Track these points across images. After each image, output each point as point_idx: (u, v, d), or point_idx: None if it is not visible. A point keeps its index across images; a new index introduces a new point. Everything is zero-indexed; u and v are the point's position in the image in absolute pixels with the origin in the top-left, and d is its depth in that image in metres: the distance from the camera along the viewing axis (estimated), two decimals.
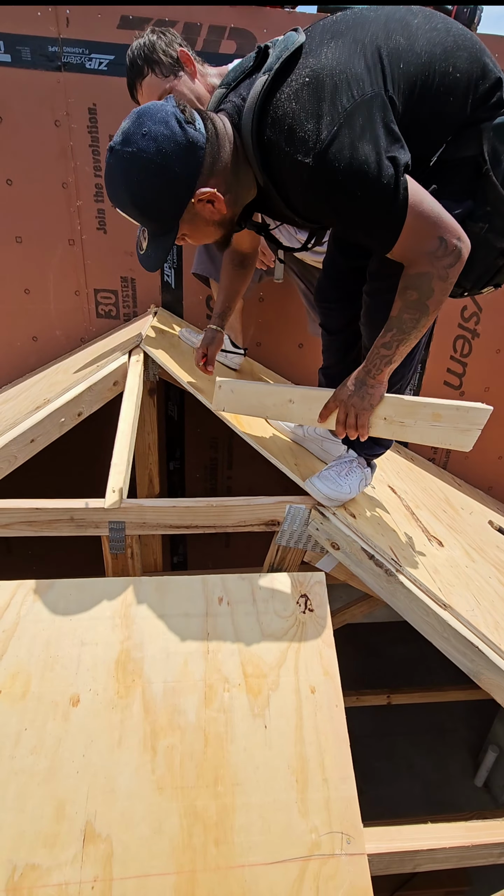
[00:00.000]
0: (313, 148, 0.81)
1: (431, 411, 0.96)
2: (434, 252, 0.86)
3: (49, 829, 0.81)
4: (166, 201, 0.86)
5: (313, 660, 1.02)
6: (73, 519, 1.16)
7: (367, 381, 1.02)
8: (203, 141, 0.84)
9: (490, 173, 0.93)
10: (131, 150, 0.81)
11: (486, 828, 0.92)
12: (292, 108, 0.82)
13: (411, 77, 0.86)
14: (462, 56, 0.90)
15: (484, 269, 1.02)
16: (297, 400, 1.11)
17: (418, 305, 0.91)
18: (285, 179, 0.88)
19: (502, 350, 2.30)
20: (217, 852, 0.83)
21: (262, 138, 0.86)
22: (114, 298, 2.00)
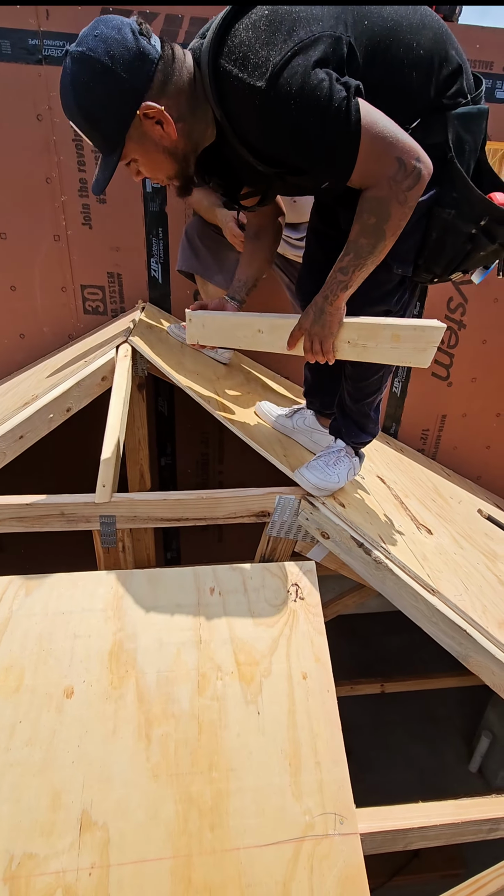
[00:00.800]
0: (265, 72, 0.80)
1: (391, 332, 1.00)
2: (394, 176, 0.85)
3: (45, 819, 0.82)
4: (112, 109, 0.85)
5: (305, 647, 1.04)
6: (64, 514, 1.16)
7: (325, 309, 1.02)
8: (155, 55, 0.84)
9: (455, 161, 0.94)
10: (81, 50, 0.81)
11: (474, 805, 0.94)
12: (248, 36, 0.82)
13: (375, 37, 0.87)
14: (427, 35, 0.91)
15: (453, 254, 1.03)
16: (265, 329, 1.13)
17: (376, 231, 0.91)
18: (240, 111, 0.87)
19: (488, 340, 2.32)
20: (212, 836, 0.84)
21: (217, 67, 0.85)
22: (101, 294, 2.00)
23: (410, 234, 1.01)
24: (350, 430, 1.31)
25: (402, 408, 2.42)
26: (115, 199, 1.86)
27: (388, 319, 1.02)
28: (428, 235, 1.02)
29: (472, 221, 0.99)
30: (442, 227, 1.00)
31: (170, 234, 1.93)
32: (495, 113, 1.89)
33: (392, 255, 1.03)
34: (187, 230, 1.76)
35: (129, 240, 1.92)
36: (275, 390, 1.91)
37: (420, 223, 1.01)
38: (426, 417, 2.47)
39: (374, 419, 1.32)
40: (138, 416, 1.68)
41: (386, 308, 1.12)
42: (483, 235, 1.00)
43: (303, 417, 1.50)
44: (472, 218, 0.98)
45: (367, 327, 1.02)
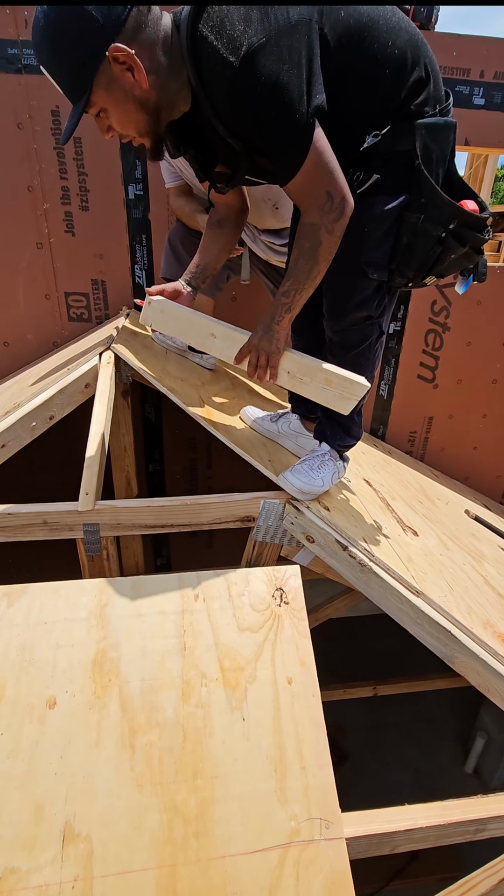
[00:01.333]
0: (239, 49, 0.82)
1: (325, 376, 1.09)
2: (322, 205, 0.93)
3: (28, 832, 0.81)
4: (81, 46, 0.83)
5: (290, 651, 1.04)
6: (47, 522, 1.15)
7: (272, 328, 1.09)
8: (127, 4, 0.83)
9: (422, 167, 0.98)
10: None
11: (460, 806, 0.94)
12: (228, 9, 0.83)
13: (350, 28, 0.89)
14: (403, 37, 0.94)
15: (424, 257, 1.06)
16: (218, 336, 1.18)
17: (310, 254, 0.98)
18: (211, 77, 0.88)
19: (473, 343, 2.35)
20: (198, 845, 0.83)
21: (195, 31, 0.85)
22: (85, 301, 1.99)
23: (383, 240, 1.05)
24: (335, 433, 1.32)
25: (389, 410, 2.44)
26: (98, 207, 1.86)
27: (327, 365, 1.12)
28: (399, 240, 1.05)
29: (441, 224, 1.01)
30: (411, 232, 1.03)
31: (153, 240, 1.93)
32: (474, 118, 1.93)
33: (367, 261, 1.05)
34: (170, 237, 1.77)
35: (112, 247, 1.92)
36: (260, 395, 1.91)
37: (391, 229, 1.04)
38: (413, 419, 2.49)
39: (358, 423, 1.34)
40: (123, 422, 1.68)
41: (367, 313, 1.13)
42: (452, 238, 1.03)
43: (288, 422, 1.50)
44: (441, 221, 1.01)
45: (306, 365, 1.11)
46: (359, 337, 1.17)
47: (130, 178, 1.83)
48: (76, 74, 0.87)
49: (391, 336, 2.27)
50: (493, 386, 2.46)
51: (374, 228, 1.03)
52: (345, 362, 1.19)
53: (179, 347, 1.83)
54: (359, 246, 1.04)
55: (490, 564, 1.63)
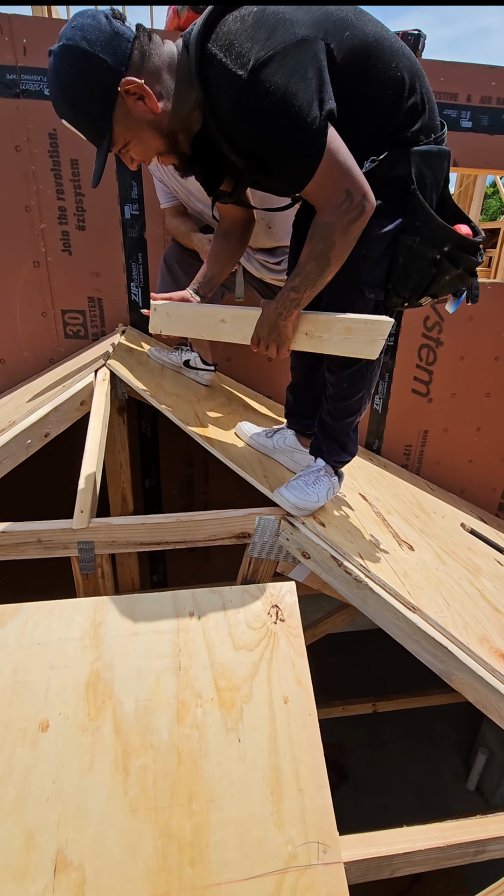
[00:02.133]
0: (247, 63, 0.83)
1: (344, 325, 1.07)
2: (340, 205, 0.91)
3: (18, 861, 0.79)
4: (95, 91, 0.88)
5: (286, 670, 1.03)
6: (41, 541, 1.15)
7: (279, 323, 1.08)
8: (130, 35, 0.87)
9: (417, 192, 1.01)
10: (61, 44, 0.86)
11: (459, 827, 0.93)
12: (236, 27, 0.85)
13: (355, 48, 0.91)
14: (404, 61, 0.97)
15: (419, 278, 1.09)
16: (228, 319, 1.16)
17: (322, 257, 0.98)
18: (218, 94, 0.89)
19: (465, 357, 2.37)
20: (192, 872, 0.82)
21: (204, 50, 0.87)
22: (81, 318, 2.01)
23: (380, 262, 1.07)
24: (331, 448, 1.32)
25: (384, 424, 2.45)
26: (95, 226, 1.89)
27: (341, 315, 1.08)
28: (395, 261, 1.07)
29: (436, 247, 1.04)
30: (408, 253, 1.05)
31: (149, 258, 1.96)
32: (462, 140, 1.98)
33: (365, 281, 1.08)
34: (166, 257, 1.79)
35: (108, 265, 1.95)
36: (256, 410, 1.92)
37: (388, 251, 1.07)
38: (408, 433, 2.50)
39: (354, 439, 1.34)
40: (119, 439, 1.68)
41: None
42: (447, 260, 1.06)
43: (283, 437, 1.51)
44: (436, 244, 1.04)
45: (322, 320, 1.08)
46: None
47: (126, 198, 1.86)
48: (96, 119, 0.91)
49: (385, 351, 2.28)
50: (487, 399, 2.48)
51: (372, 250, 1.05)
52: (342, 379, 1.20)
53: (175, 364, 1.84)
54: (356, 266, 1.06)
55: (486, 578, 1.63)
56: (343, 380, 1.19)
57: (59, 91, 0.89)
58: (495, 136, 1.99)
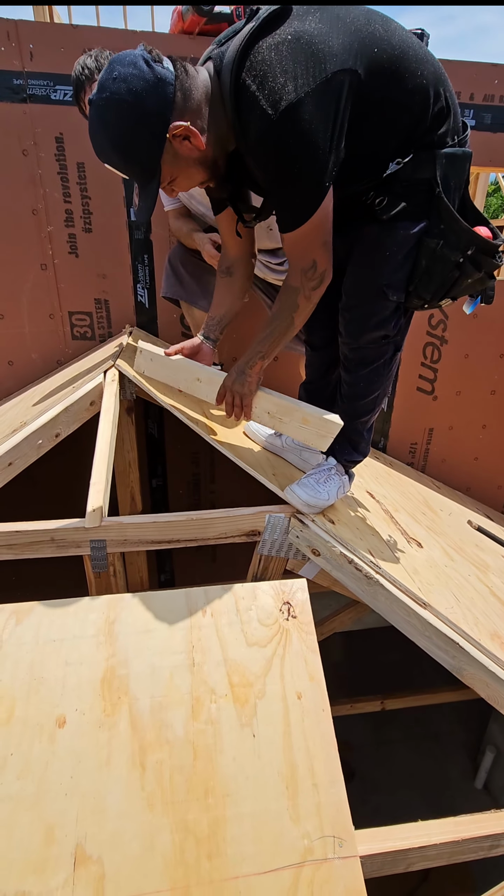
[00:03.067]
0: (278, 103, 0.85)
1: (301, 416, 1.17)
2: (306, 271, 1.01)
3: (38, 855, 0.80)
4: (144, 139, 0.89)
5: (298, 666, 1.04)
6: (54, 540, 1.16)
7: (245, 371, 1.16)
8: (171, 77, 0.87)
9: (442, 195, 1.01)
10: (105, 97, 0.85)
11: (474, 822, 0.93)
12: (271, 57, 0.86)
13: (383, 63, 0.92)
14: (429, 68, 0.98)
15: (441, 281, 1.09)
16: (203, 380, 1.25)
17: (286, 315, 1.07)
18: (250, 124, 0.91)
19: (470, 355, 2.38)
20: (210, 866, 0.82)
21: (239, 80, 0.89)
22: (88, 320, 2.02)
23: (403, 263, 1.08)
24: (343, 448, 1.33)
25: (390, 422, 2.46)
26: (101, 228, 1.90)
27: (301, 405, 1.19)
28: (418, 264, 1.08)
29: (459, 250, 1.05)
30: (430, 257, 1.06)
31: (155, 260, 1.97)
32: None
33: (388, 284, 1.09)
34: (170, 258, 1.80)
35: (115, 267, 1.96)
36: None
37: (411, 253, 1.07)
38: (414, 431, 2.51)
39: (367, 439, 1.35)
40: (127, 439, 1.69)
41: (385, 333, 1.15)
42: (470, 264, 1.07)
43: None
44: (459, 247, 1.04)
45: (283, 405, 1.19)
46: (375, 354, 1.19)
47: (132, 200, 1.88)
48: (146, 164, 0.92)
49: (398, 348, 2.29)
50: (492, 397, 2.49)
51: (396, 252, 1.06)
52: (359, 379, 1.21)
53: None
54: (380, 269, 1.08)
55: (495, 575, 1.63)
56: (360, 379, 1.21)
57: (106, 142, 0.90)
58: (498, 134, 1.99)
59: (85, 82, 1.36)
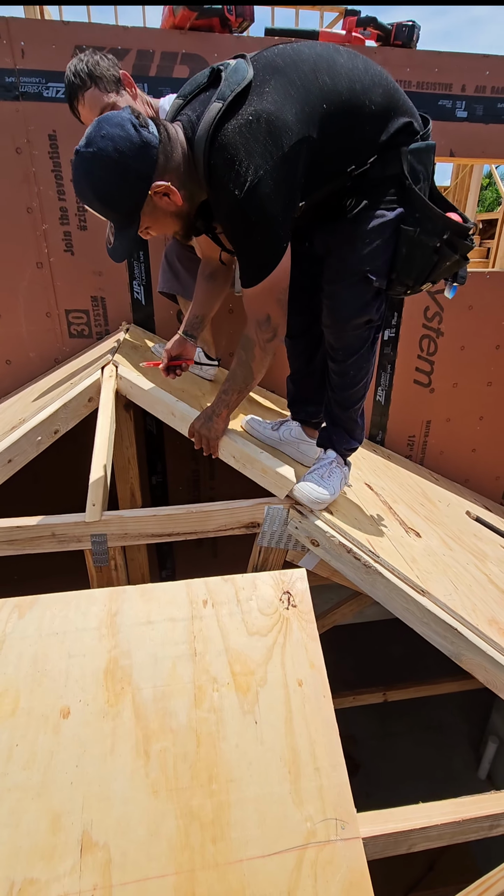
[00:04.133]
0: (243, 184, 0.95)
1: (261, 467, 1.24)
2: (260, 324, 1.11)
3: (45, 842, 0.82)
4: (126, 195, 0.96)
5: (299, 653, 1.05)
6: (55, 535, 1.17)
7: (212, 418, 1.25)
8: (156, 142, 0.94)
9: (412, 187, 1.08)
10: (92, 151, 0.91)
11: (474, 802, 0.95)
12: (236, 140, 0.95)
13: (334, 115, 1.01)
14: (378, 91, 1.04)
15: (423, 266, 1.15)
16: (177, 415, 1.36)
17: (246, 365, 1.16)
18: (219, 199, 1.01)
19: (466, 347, 2.38)
20: (215, 849, 0.84)
21: (210, 161, 0.98)
22: (85, 318, 2.03)
23: (383, 249, 1.13)
24: (341, 438, 1.35)
25: (388, 415, 2.47)
26: (96, 226, 1.90)
27: (261, 456, 1.26)
28: (398, 251, 1.13)
29: (436, 235, 1.10)
30: (409, 243, 1.11)
31: (150, 257, 1.98)
32: (457, 130, 1.99)
33: (371, 269, 1.13)
34: (167, 253, 1.81)
35: (111, 264, 1.96)
36: (260, 404, 1.94)
37: (391, 240, 1.12)
38: (411, 424, 2.52)
39: (361, 425, 1.38)
40: (126, 435, 1.70)
41: (368, 317, 1.18)
42: (447, 247, 1.12)
43: (289, 429, 1.53)
44: (436, 233, 1.10)
45: (246, 455, 1.27)
46: (360, 340, 1.22)
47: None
48: (125, 214, 0.98)
49: (386, 342, 2.30)
50: (489, 388, 2.50)
51: (374, 238, 1.11)
52: (348, 367, 1.23)
53: None
54: (361, 254, 1.11)
55: (493, 564, 1.64)
56: (350, 367, 1.22)
57: (90, 190, 0.95)
58: (490, 126, 2.00)
59: (78, 90, 1.34)
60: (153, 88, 1.73)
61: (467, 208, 4.59)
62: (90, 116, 1.33)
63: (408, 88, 1.89)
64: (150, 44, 1.69)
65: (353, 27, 1.77)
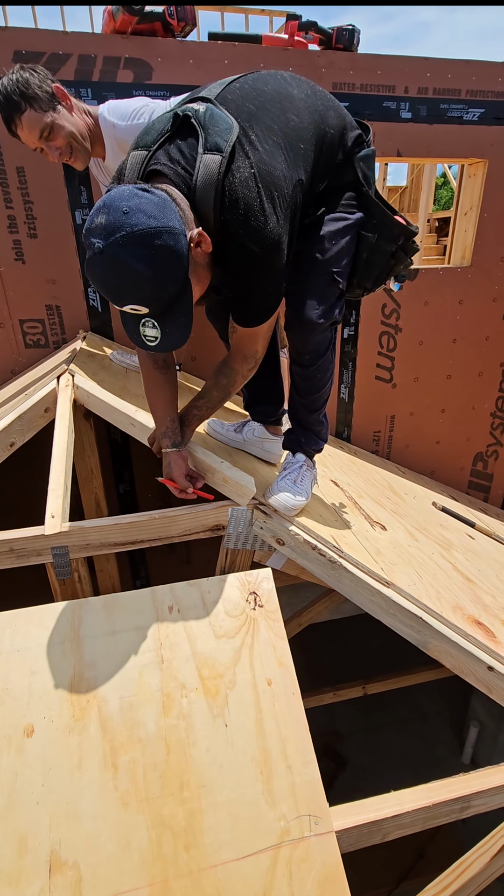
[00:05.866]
0: (261, 240, 0.94)
1: (222, 477, 1.25)
2: (247, 357, 1.15)
3: (11, 867, 0.79)
4: (175, 258, 0.84)
5: (267, 653, 1.05)
6: (13, 550, 1.14)
7: (183, 431, 1.24)
8: (167, 197, 0.86)
9: (370, 194, 1.11)
10: (124, 234, 0.79)
11: (444, 786, 0.96)
12: (246, 195, 0.91)
13: (308, 152, 1.03)
14: (331, 115, 1.07)
15: (381, 271, 1.20)
16: (136, 426, 1.36)
17: (225, 390, 1.20)
18: (230, 254, 0.96)
19: (425, 342, 2.44)
20: (188, 857, 0.83)
21: (221, 217, 0.92)
22: (41, 327, 1.99)
23: (346, 252, 1.15)
24: (309, 440, 1.37)
25: (352, 412, 2.50)
26: (47, 233, 1.87)
27: (223, 466, 1.26)
28: (359, 256, 1.17)
29: (393, 241, 1.15)
30: (369, 249, 1.16)
31: None
32: (403, 131, 2.04)
33: (336, 271, 1.15)
34: None
35: (64, 272, 1.93)
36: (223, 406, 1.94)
37: (352, 242, 1.15)
38: (376, 419, 2.56)
39: (326, 424, 1.41)
40: (87, 444, 1.67)
41: (333, 320, 1.20)
42: (401, 252, 1.17)
43: (252, 430, 1.53)
44: (393, 238, 1.15)
45: (207, 465, 1.27)
46: (325, 343, 1.23)
47: (76, 203, 1.86)
48: (177, 284, 0.87)
49: (346, 340, 2.34)
50: (448, 381, 2.56)
51: (338, 240, 1.12)
52: (316, 370, 1.25)
53: (137, 366, 1.84)
54: (326, 255, 1.12)
55: (458, 552, 1.68)
56: (317, 370, 1.25)
57: (144, 278, 0.83)
58: (434, 126, 2.06)
59: (13, 113, 1.26)
60: (97, 93, 1.71)
61: (421, 207, 4.71)
62: (31, 138, 1.30)
63: (352, 90, 1.93)
64: (91, 48, 1.67)
65: (296, 31, 1.79)
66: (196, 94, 1.02)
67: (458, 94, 2.04)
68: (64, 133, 1.30)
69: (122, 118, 1.33)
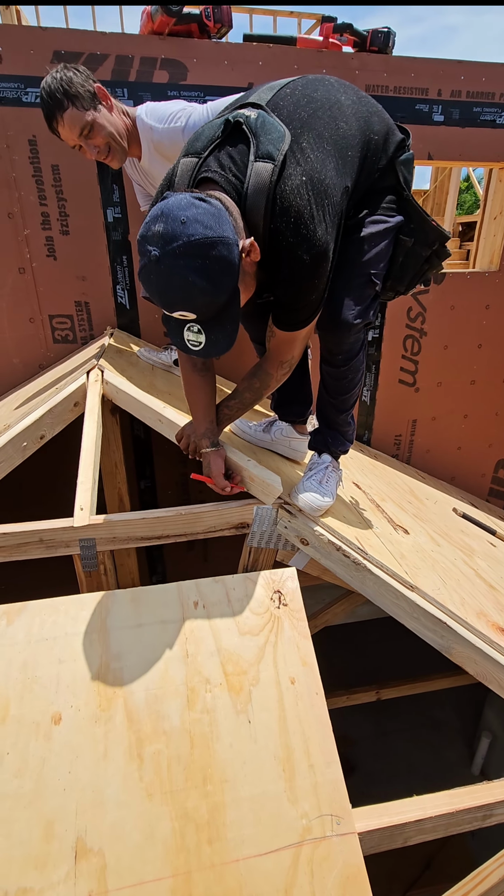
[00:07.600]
0: (311, 249, 0.94)
1: (248, 475, 1.25)
2: (282, 363, 1.15)
3: (39, 851, 0.81)
4: (228, 268, 0.85)
5: (291, 652, 1.05)
6: (43, 540, 1.16)
7: (214, 430, 1.23)
8: (222, 207, 0.86)
9: (410, 198, 1.11)
10: (181, 243, 0.80)
11: (468, 793, 0.96)
12: (298, 204, 0.91)
13: (356, 159, 1.04)
14: (375, 120, 1.08)
15: (414, 274, 1.20)
16: (164, 422, 1.37)
17: (258, 392, 1.20)
18: (282, 261, 0.96)
19: (450, 346, 2.42)
20: (211, 850, 0.83)
21: (271, 224, 0.93)
22: (69, 323, 2.02)
23: (385, 254, 1.16)
24: (336, 440, 1.38)
25: (374, 416, 2.49)
26: (78, 231, 1.90)
27: (249, 464, 1.25)
28: (395, 259, 1.17)
29: (428, 246, 1.15)
30: (405, 253, 1.16)
31: (134, 261, 1.98)
32: (435, 134, 2.03)
33: (375, 273, 1.16)
34: None
35: (94, 269, 1.96)
36: None
37: (390, 245, 1.16)
38: (397, 423, 2.54)
39: (353, 425, 1.42)
40: (113, 439, 1.69)
41: (368, 320, 1.20)
42: (435, 257, 1.17)
43: (280, 429, 1.54)
44: (428, 243, 1.15)
45: (234, 463, 1.27)
46: (358, 344, 1.24)
47: (109, 201, 1.88)
48: (228, 293, 0.88)
49: (371, 343, 2.33)
50: (472, 387, 2.54)
51: (378, 242, 1.13)
52: (348, 371, 1.26)
53: (164, 363, 1.86)
54: (366, 257, 1.13)
55: (480, 559, 1.67)
56: (349, 371, 1.26)
57: (198, 286, 0.83)
58: (467, 129, 2.04)
59: (55, 111, 1.28)
60: (132, 93, 1.73)
61: (447, 211, 4.67)
62: (71, 136, 1.32)
63: (385, 93, 1.93)
64: (129, 49, 1.69)
65: (330, 33, 1.80)
66: (246, 98, 1.03)
67: (491, 98, 2.02)
68: (104, 132, 1.32)
69: (160, 121, 1.35)
